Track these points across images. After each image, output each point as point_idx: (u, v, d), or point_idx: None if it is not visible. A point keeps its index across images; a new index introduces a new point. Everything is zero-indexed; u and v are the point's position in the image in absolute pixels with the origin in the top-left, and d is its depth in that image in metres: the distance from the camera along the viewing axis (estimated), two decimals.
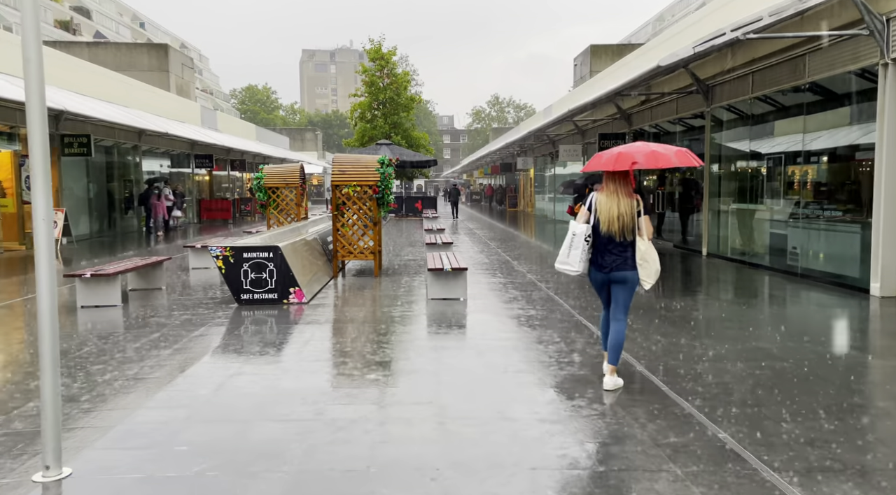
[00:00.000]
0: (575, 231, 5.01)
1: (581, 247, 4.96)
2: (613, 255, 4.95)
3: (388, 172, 10.95)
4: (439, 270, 8.69)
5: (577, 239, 4.98)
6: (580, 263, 4.99)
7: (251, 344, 6.38)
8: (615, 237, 4.91)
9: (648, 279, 4.97)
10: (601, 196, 4.98)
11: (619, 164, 4.84)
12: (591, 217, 5.00)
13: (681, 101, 15.18)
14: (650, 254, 4.95)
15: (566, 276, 11.39)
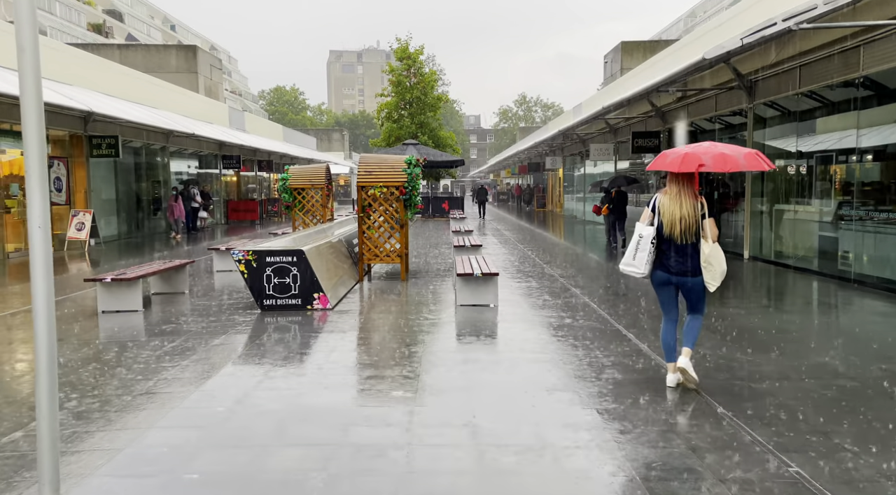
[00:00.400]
0: (641, 233, 4.91)
1: (647, 249, 4.87)
2: (678, 258, 4.88)
3: (416, 173, 10.59)
4: (469, 275, 8.29)
5: (644, 241, 4.88)
6: (646, 265, 4.91)
7: (272, 354, 6.06)
8: (678, 239, 4.81)
9: (713, 281, 4.82)
10: (664, 198, 4.86)
11: (684, 166, 4.70)
12: (654, 218, 4.90)
13: (720, 98, 14.55)
14: (715, 256, 4.78)
15: (599, 281, 10.96)
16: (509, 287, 9.91)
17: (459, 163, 32.97)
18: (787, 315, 8.12)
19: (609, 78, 36.22)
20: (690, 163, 4.70)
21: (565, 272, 11.73)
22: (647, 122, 19.70)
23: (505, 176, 62.54)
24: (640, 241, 4.92)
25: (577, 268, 12.58)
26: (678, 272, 4.90)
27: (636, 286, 10.10)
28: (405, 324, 7.47)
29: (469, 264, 8.94)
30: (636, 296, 9.13)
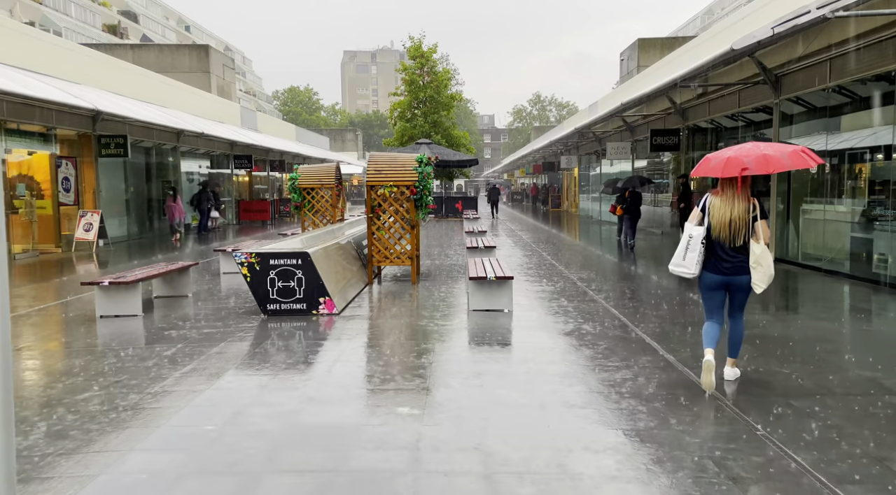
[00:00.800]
0: (691, 233, 4.90)
1: (697, 249, 4.86)
2: (727, 258, 4.88)
3: (427, 172, 10.19)
4: (482, 279, 7.88)
5: (694, 241, 4.88)
6: (696, 266, 4.90)
7: (272, 365, 5.68)
8: (726, 240, 4.82)
9: (761, 283, 4.78)
10: (715, 199, 4.86)
11: (727, 171, 4.70)
12: (704, 219, 4.90)
13: (744, 93, 14.01)
14: (765, 257, 4.75)
15: (618, 285, 10.49)
16: (524, 290, 9.49)
17: (473, 163, 32.52)
18: (822, 322, 7.62)
19: (625, 76, 35.61)
20: (733, 168, 4.69)
21: (582, 274, 11.28)
22: (666, 119, 19.17)
23: (519, 175, 61.99)
24: (689, 242, 4.90)
25: (594, 270, 12.12)
26: (728, 272, 4.89)
27: (656, 290, 9.63)
28: (414, 332, 7.07)
29: (482, 267, 8.53)
30: (657, 301, 8.67)
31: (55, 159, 15.95)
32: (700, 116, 16.77)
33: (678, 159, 18.92)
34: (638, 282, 10.44)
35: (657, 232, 20.43)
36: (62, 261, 14.49)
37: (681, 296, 9.09)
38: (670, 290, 9.62)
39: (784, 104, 12.55)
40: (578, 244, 18.27)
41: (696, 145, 17.65)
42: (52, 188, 16.12)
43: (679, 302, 8.69)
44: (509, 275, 7.94)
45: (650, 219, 21.83)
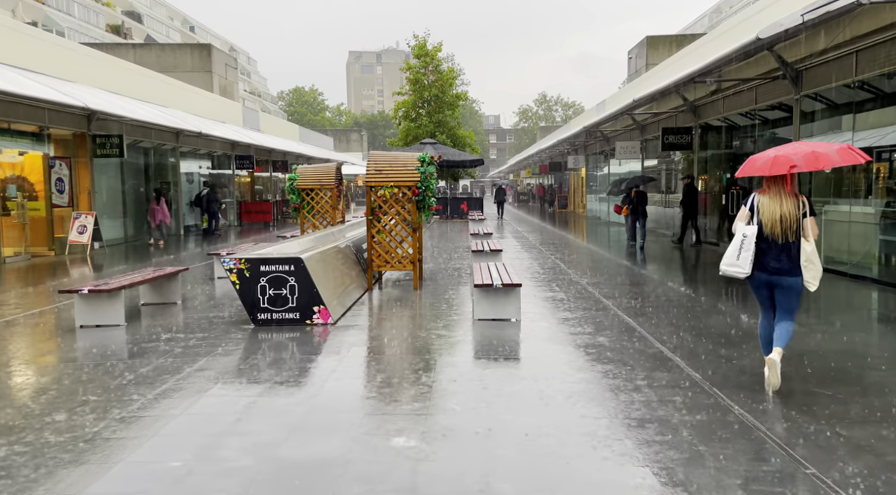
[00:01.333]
0: (745, 233, 4.89)
1: (751, 248, 4.84)
2: (778, 257, 4.87)
3: (430, 171, 9.66)
4: (488, 286, 7.33)
5: (748, 240, 4.85)
6: (750, 265, 4.86)
7: (256, 385, 5.16)
8: (778, 239, 4.83)
9: (814, 281, 4.80)
10: (764, 197, 4.89)
11: (775, 169, 4.73)
12: (753, 218, 4.92)
13: (762, 90, 13.42)
14: (815, 255, 4.80)
15: (631, 290, 9.92)
16: (532, 297, 8.94)
17: (478, 163, 32.01)
18: (857, 333, 7.04)
19: (633, 74, 34.98)
20: (781, 166, 4.71)
21: (593, 279, 10.72)
22: (677, 117, 18.58)
23: (525, 176, 61.36)
24: (744, 241, 4.87)
25: (605, 274, 11.55)
26: (775, 271, 4.88)
27: (673, 296, 9.06)
28: (414, 344, 6.54)
29: (488, 272, 7.99)
30: (674, 310, 8.10)
31: (48, 160, 15.51)
32: (714, 114, 16.18)
33: (689, 158, 18.32)
34: (652, 288, 9.88)
35: (668, 233, 19.83)
36: (54, 264, 14.03)
37: (699, 304, 8.52)
38: (688, 297, 9.06)
39: (804, 101, 11.96)
40: (587, 246, 17.69)
41: (710, 144, 17.06)
42: (46, 189, 15.68)
43: (699, 310, 8.13)
44: (517, 282, 7.40)
45: (661, 220, 21.23)
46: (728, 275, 5.00)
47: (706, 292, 9.58)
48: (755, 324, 7.05)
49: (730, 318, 7.57)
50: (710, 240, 16.59)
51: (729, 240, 5.05)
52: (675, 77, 11.49)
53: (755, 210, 4.91)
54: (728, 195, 15.38)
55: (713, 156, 16.93)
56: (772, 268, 4.86)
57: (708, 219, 17.08)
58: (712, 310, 8.09)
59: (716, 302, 8.74)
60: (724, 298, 9.05)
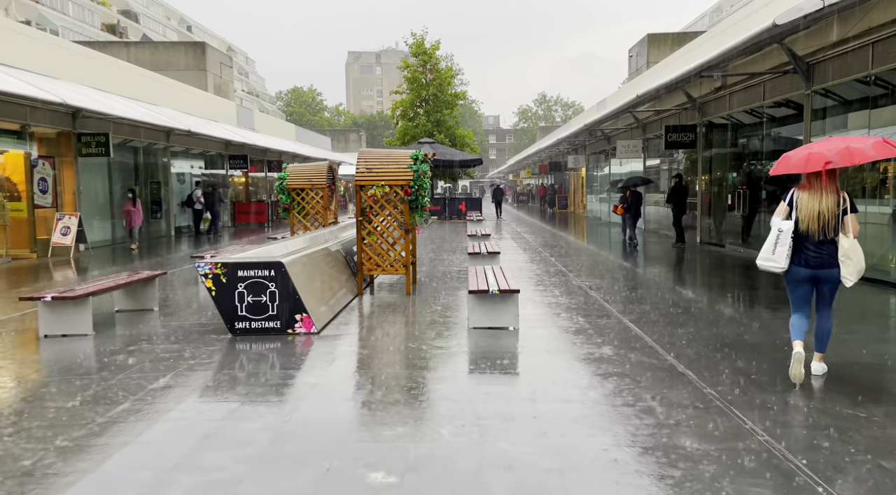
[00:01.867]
0: (780, 227, 4.95)
1: (788, 243, 4.90)
2: (816, 252, 4.91)
3: (423, 170, 9.13)
4: (483, 292, 6.81)
5: (784, 235, 4.91)
6: (786, 260, 4.93)
7: (224, 404, 4.63)
8: (815, 234, 4.86)
9: (850, 277, 4.79)
10: (803, 193, 4.91)
11: (810, 166, 4.74)
12: (791, 213, 4.96)
13: (770, 85, 12.90)
14: (854, 251, 4.77)
15: (635, 295, 9.39)
16: (532, 302, 8.41)
17: (477, 163, 31.51)
18: (883, 344, 6.52)
19: (634, 72, 34.48)
20: (816, 163, 4.71)
21: (595, 283, 10.20)
22: (681, 114, 18.06)
23: (525, 176, 60.83)
24: (779, 236, 4.93)
25: (606, 277, 11.03)
26: (818, 265, 4.90)
27: (680, 301, 8.53)
28: (403, 357, 6.01)
29: (484, 277, 7.47)
30: (683, 317, 7.58)
31: (30, 159, 14.98)
32: (719, 111, 15.65)
33: (693, 157, 17.79)
34: (657, 292, 9.35)
35: (671, 235, 19.31)
36: (36, 267, 13.50)
37: (708, 310, 8.00)
38: (695, 302, 8.53)
39: (815, 97, 11.43)
40: (588, 248, 17.16)
41: (715, 142, 16.54)
42: (28, 189, 15.14)
43: (708, 317, 7.60)
44: (514, 288, 6.87)
45: (663, 221, 20.71)
46: (764, 270, 5.08)
47: (714, 297, 9.06)
48: (769, 332, 6.53)
49: (741, 326, 7.05)
50: (714, 240, 16.07)
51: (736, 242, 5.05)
52: (681, 70, 10.97)
53: (794, 206, 4.94)
54: (735, 195, 14.86)
55: (718, 154, 16.41)
56: (814, 263, 4.91)
57: (713, 219, 16.56)
58: (721, 317, 7.56)
59: (725, 307, 8.21)
60: (732, 303, 8.53)
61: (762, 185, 13.66)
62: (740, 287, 10.16)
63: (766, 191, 13.54)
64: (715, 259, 13.66)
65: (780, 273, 5.00)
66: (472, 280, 7.35)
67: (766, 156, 13.61)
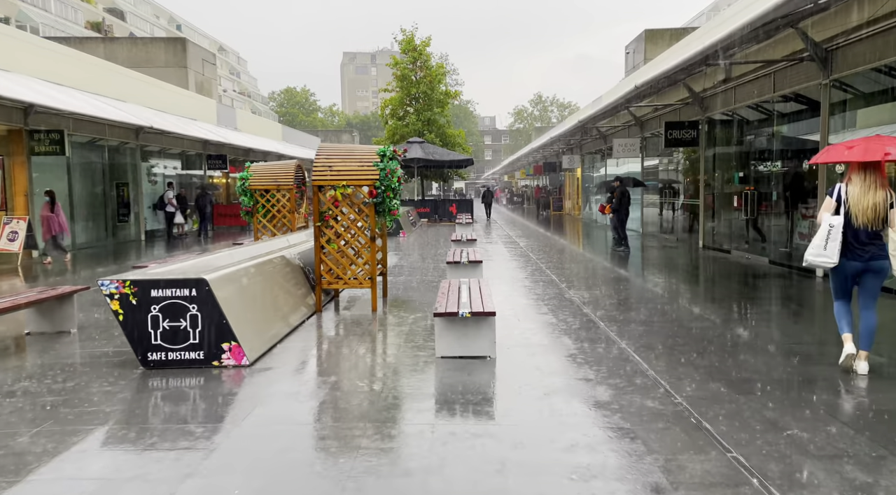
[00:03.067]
0: (832, 222, 4.97)
1: (839, 238, 4.92)
2: (866, 245, 4.97)
3: (391, 168, 7.93)
4: (452, 315, 5.61)
5: (835, 230, 4.94)
6: (838, 255, 4.95)
7: (99, 475, 3.42)
8: (868, 227, 4.91)
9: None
10: (852, 187, 4.94)
11: (869, 155, 4.82)
12: (839, 208, 4.99)
13: (781, 76, 11.72)
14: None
15: (636, 313, 8.15)
16: (515, 322, 7.22)
17: (468, 163, 30.34)
18: None
19: (631, 70, 33.32)
20: (875, 152, 4.80)
21: (590, 296, 9.01)
22: (682, 110, 16.90)
23: (520, 177, 59.66)
24: (830, 231, 4.96)
25: (603, 289, 9.84)
26: (869, 258, 4.96)
27: (693, 324, 7.33)
28: (351, 399, 4.80)
29: (456, 295, 6.28)
30: (696, 343, 6.38)
31: None
32: (723, 106, 14.48)
33: (691, 157, 16.62)
34: (662, 309, 8.16)
35: (672, 240, 18.14)
36: None
37: (727, 334, 6.80)
38: (709, 323, 7.34)
39: (834, 90, 10.26)
40: (583, 254, 15.97)
41: (718, 140, 15.37)
42: None
43: (727, 344, 6.41)
44: (489, 309, 5.66)
45: (664, 226, 19.55)
46: (815, 266, 5.12)
47: (728, 314, 7.88)
48: (803, 364, 5.34)
49: (768, 356, 5.86)
50: (718, 246, 14.90)
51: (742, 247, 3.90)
52: (685, 55, 9.78)
53: (842, 200, 4.99)
54: (740, 196, 13.68)
55: (722, 153, 15.25)
56: (865, 257, 4.98)
57: (717, 222, 15.40)
58: (744, 344, 6.37)
59: (741, 327, 7.03)
60: (750, 321, 7.34)
61: (774, 186, 12.49)
62: (757, 302, 8.98)
63: (776, 192, 12.38)
64: (721, 267, 12.48)
65: (831, 268, 5.03)
66: (441, 298, 6.16)
67: (777, 155, 12.45)
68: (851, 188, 4.95)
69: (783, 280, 10.49)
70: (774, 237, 12.42)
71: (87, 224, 17.95)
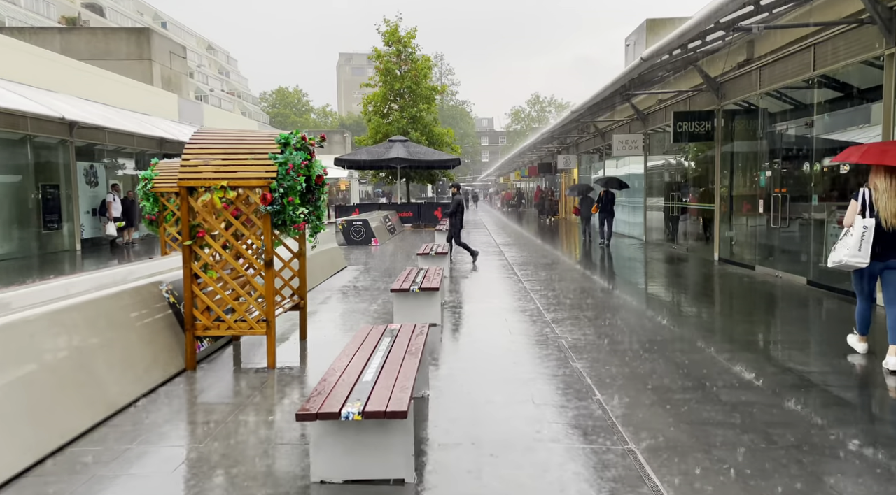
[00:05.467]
0: (865, 225, 5.21)
1: (871, 240, 5.19)
2: (889, 245, 5.26)
3: (295, 162, 5.50)
4: (334, 418, 3.18)
5: (869, 232, 5.20)
6: (869, 255, 5.21)
7: None
8: (892, 228, 5.19)
9: None
10: (881, 192, 5.21)
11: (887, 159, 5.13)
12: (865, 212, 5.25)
13: (823, 49, 9.30)
14: None
15: (655, 370, 5.60)
16: (465, 397, 4.79)
17: (455, 163, 27.87)
18: None
19: None
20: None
21: (582, 338, 6.59)
22: (692, 100, 14.50)
23: (515, 178, 57.18)
24: (864, 233, 5.20)
25: (600, 324, 7.42)
26: (890, 257, 5.29)
27: (727, 383, 4.89)
28: None
29: (360, 364, 3.85)
30: (733, 431, 3.94)
31: None
32: (746, 91, 12.06)
33: (701, 155, 14.21)
34: (679, 360, 5.74)
35: (681, 250, 15.70)
36: None
37: (771, 407, 4.37)
38: (746, 387, 4.89)
39: None
40: (583, 271, 13.54)
41: (739, 133, 12.96)
42: None
43: (772, 429, 3.98)
44: (398, 409, 3.21)
45: (671, 233, 17.11)
46: (849, 267, 5.33)
47: (768, 368, 5.45)
48: None
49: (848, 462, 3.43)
50: (742, 260, 12.47)
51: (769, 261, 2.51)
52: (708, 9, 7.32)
53: (866, 204, 5.27)
54: (768, 201, 11.25)
55: (744, 149, 12.83)
56: (888, 255, 5.28)
57: (736, 231, 12.99)
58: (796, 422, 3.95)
59: (796, 392, 4.60)
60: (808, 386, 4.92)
61: (813, 188, 10.06)
62: (812, 345, 6.55)
63: (815, 195, 9.96)
64: (747, 288, 10.04)
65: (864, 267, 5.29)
66: (328, 378, 3.71)
67: (818, 152, 10.02)
68: (880, 193, 5.24)
69: (836, 308, 8.06)
70: (816, 249, 9.97)
71: (7, 229, 15.49)
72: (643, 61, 8.91)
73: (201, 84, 77.79)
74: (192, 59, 79.22)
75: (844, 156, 5.80)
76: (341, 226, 18.58)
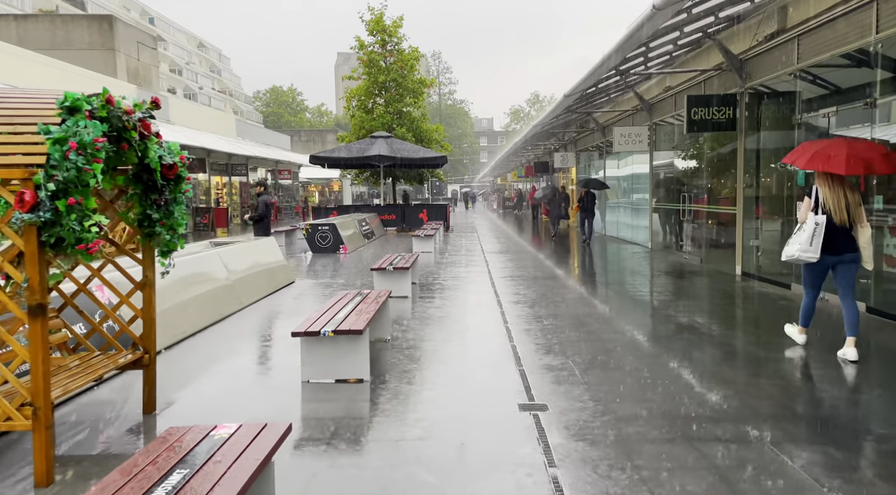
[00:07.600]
0: (817, 221, 5.47)
1: (822, 235, 5.44)
2: (842, 239, 5.54)
3: (83, 139, 3.27)
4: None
5: (820, 227, 5.44)
6: (820, 250, 5.47)
7: None
8: (845, 224, 5.51)
9: (871, 260, 5.53)
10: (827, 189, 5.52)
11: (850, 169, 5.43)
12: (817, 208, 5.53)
13: (859, 17, 7.06)
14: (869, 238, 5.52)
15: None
16: None
17: (441, 161, 25.61)
18: None
19: None
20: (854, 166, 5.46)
21: (586, 414, 4.37)
22: (707, 83, 12.27)
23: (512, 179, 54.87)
24: (816, 229, 5.45)
25: (608, 388, 5.19)
26: (844, 250, 5.55)
27: None
28: None
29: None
30: None
31: None
32: (779, 68, 9.82)
33: (717, 149, 11.98)
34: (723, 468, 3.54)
35: (697, 261, 13.45)
36: None
37: None
38: None
39: None
40: (585, 295, 11.28)
41: (767, 121, 10.71)
42: None
43: None
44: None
45: (681, 240, 14.87)
46: (800, 261, 5.62)
47: None
48: None
49: None
50: (773, 277, 10.22)
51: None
52: None
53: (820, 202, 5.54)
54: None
55: (774, 140, 10.59)
56: (839, 250, 5.55)
57: (763, 239, 10.75)
58: None
59: None
60: None
61: (870, 189, 7.82)
62: None
63: (873, 198, 7.72)
64: (788, 319, 7.77)
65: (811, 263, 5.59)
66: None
67: (882, 142, 7.78)
68: (824, 189, 5.55)
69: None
70: (874, 266, 7.71)
71: None
72: (656, 10, 6.64)
73: (190, 81, 75.56)
74: (181, 56, 77.02)
75: (791, 158, 5.90)
76: (305, 232, 16.37)
